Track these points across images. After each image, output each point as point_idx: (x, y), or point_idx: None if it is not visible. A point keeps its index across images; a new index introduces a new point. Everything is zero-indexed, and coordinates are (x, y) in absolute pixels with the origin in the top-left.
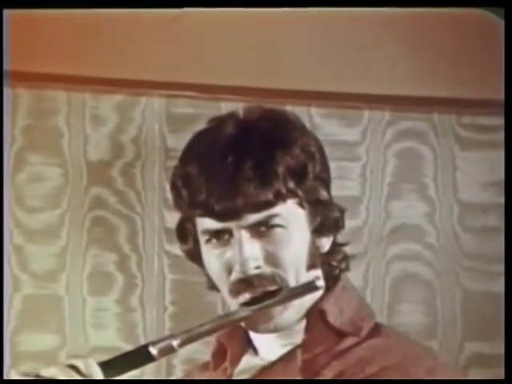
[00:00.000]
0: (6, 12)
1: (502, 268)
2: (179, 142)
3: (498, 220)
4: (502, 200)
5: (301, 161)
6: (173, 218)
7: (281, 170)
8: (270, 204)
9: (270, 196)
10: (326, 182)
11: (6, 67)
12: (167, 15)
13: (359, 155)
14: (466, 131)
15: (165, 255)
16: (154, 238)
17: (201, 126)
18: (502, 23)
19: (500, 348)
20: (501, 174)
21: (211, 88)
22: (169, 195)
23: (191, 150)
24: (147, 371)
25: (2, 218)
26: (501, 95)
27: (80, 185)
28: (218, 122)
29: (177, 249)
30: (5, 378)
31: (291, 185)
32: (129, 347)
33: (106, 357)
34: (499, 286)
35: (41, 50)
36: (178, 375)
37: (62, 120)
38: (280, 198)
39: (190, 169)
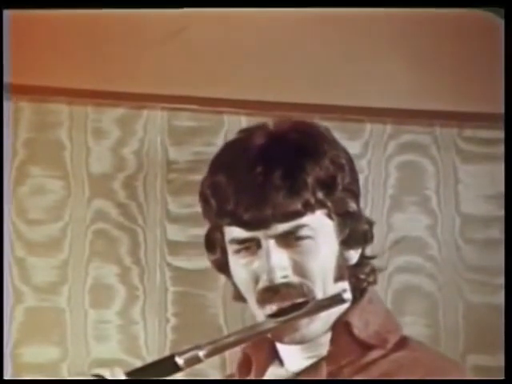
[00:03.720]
0: (7, 14)
1: (503, 280)
2: (181, 154)
3: (499, 232)
4: (503, 212)
5: (330, 172)
6: (175, 231)
7: (310, 180)
8: (298, 214)
9: (298, 206)
10: (355, 194)
11: (7, 80)
12: (172, 27)
13: (361, 168)
14: (467, 144)
15: (167, 267)
16: (156, 251)
17: (203, 139)
18: (501, 23)
19: (502, 360)
20: (502, 187)
21: (213, 101)
22: (171, 208)
23: (220, 159)
24: None
25: (3, 230)
26: (501, 109)
27: (82, 197)
28: (247, 133)
29: (179, 261)
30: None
31: (320, 195)
32: (131, 359)
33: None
34: (501, 298)
35: (42, 64)
36: None
37: (64, 133)
38: (309, 208)
39: (218, 178)
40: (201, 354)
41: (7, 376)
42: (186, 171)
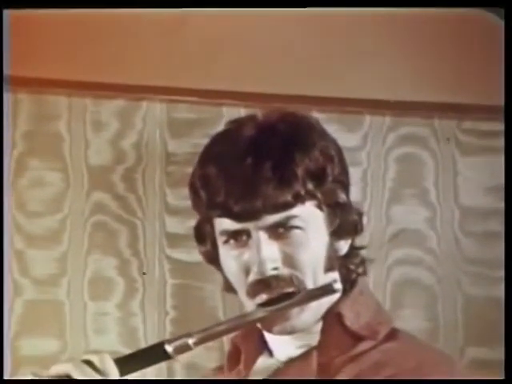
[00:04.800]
0: (7, 14)
1: (503, 273)
2: (180, 147)
3: (499, 225)
4: (503, 205)
5: (320, 163)
6: (174, 223)
7: (300, 171)
8: (288, 205)
9: (288, 197)
10: (344, 185)
11: (6, 72)
12: (171, 19)
13: (360, 160)
14: (466, 136)
15: (166, 260)
16: (155, 243)
17: (202, 131)
18: (501, 23)
19: (501, 353)
20: (501, 179)
21: (212, 93)
22: (170, 200)
23: (210, 151)
24: (148, 375)
25: (3, 222)
26: (501, 101)
27: (81, 190)
28: (237, 124)
29: (178, 253)
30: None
31: (310, 187)
32: (130, 352)
33: None
34: (500, 291)
35: (42, 56)
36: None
37: (63, 125)
38: (299, 199)
39: (208, 170)
40: (190, 341)
41: (7, 369)
42: (185, 163)
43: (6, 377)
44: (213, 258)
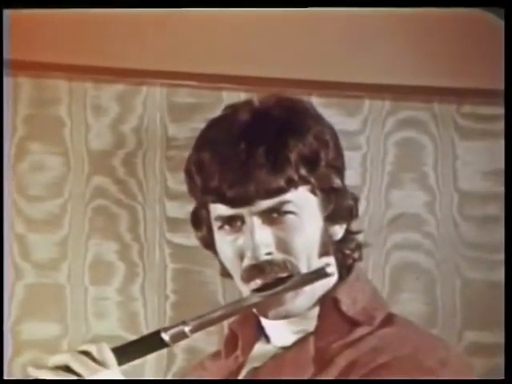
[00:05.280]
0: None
1: (501, 257)
2: (180, 131)
3: (497, 209)
4: (502, 189)
5: (313, 148)
6: (174, 207)
7: (293, 156)
8: (281, 190)
9: (281, 183)
10: (339, 170)
11: (7, 56)
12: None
13: (359, 144)
14: (466, 121)
15: (166, 244)
16: (156, 227)
17: (202, 115)
18: (502, 23)
19: (499, 337)
20: (501, 164)
21: (212, 77)
22: (170, 185)
23: (205, 136)
24: (149, 359)
25: (3, 207)
26: (501, 85)
27: (82, 174)
28: (233, 110)
29: (178, 238)
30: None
31: (303, 172)
32: (130, 336)
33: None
34: (499, 275)
35: (42, 40)
36: (179, 364)
37: (64, 109)
38: (292, 184)
39: (203, 155)
40: (186, 329)
41: (7, 354)
42: (185, 148)
43: (6, 365)
44: (209, 243)
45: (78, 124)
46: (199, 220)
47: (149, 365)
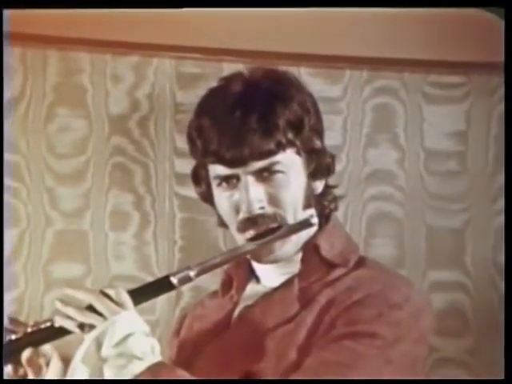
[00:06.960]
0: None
1: (461, 206)
2: (187, 97)
3: (458, 165)
4: (462, 148)
5: (298, 114)
6: (182, 164)
7: (281, 122)
8: (272, 153)
9: (272, 146)
10: (319, 133)
11: (36, 32)
12: None
13: (341, 109)
14: (432, 88)
15: (175, 196)
16: (166, 182)
17: (206, 83)
18: (502, 23)
19: (457, 276)
20: (461, 125)
21: (214, 51)
22: (179, 144)
23: (204, 105)
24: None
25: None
26: (464, 57)
27: (102, 135)
28: (226, 81)
29: (185, 191)
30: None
31: (290, 136)
32: (144, 276)
33: (124, 284)
34: (459, 223)
35: (67, 18)
36: (186, 300)
37: (87, 78)
38: (280, 147)
39: (203, 121)
40: (191, 273)
41: (40, 291)
42: (191, 112)
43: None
44: (207, 198)
45: (99, 91)
46: (199, 177)
47: (160, 301)
